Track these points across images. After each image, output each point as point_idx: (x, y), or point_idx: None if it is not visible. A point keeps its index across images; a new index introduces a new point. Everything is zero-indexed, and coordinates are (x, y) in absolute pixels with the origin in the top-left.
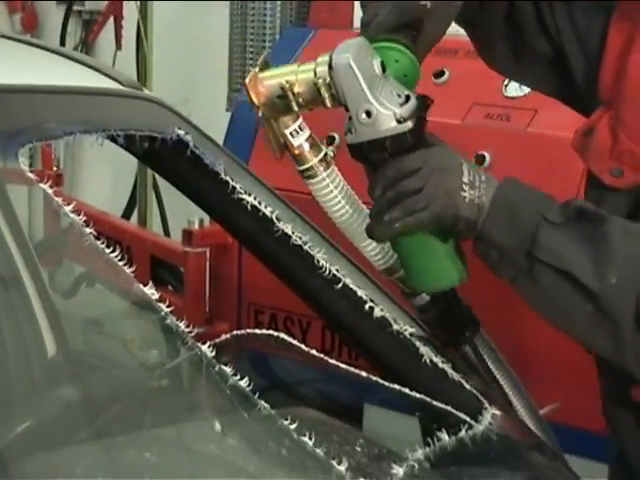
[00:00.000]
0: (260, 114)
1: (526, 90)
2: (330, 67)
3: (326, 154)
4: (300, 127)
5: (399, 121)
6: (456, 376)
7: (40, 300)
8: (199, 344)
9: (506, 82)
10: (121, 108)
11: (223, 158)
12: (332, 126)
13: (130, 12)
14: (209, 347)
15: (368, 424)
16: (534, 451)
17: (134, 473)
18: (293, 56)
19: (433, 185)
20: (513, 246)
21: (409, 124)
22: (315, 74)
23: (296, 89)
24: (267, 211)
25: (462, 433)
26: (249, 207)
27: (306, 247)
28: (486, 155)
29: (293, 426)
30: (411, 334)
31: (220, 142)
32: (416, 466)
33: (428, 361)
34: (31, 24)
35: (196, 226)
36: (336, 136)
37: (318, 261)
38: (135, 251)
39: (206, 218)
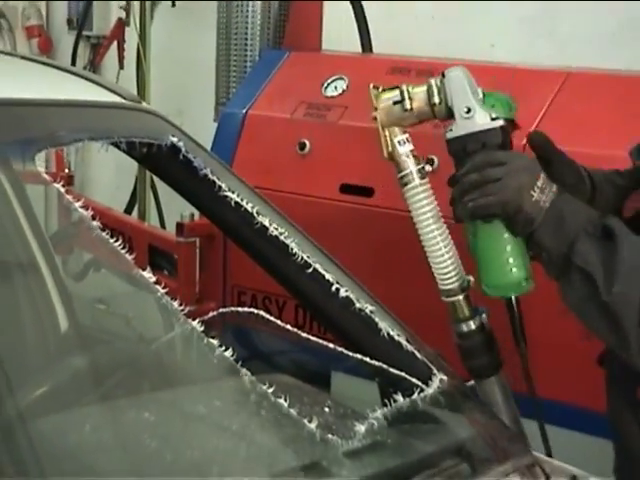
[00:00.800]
0: (377, 118)
1: None
2: (443, 76)
3: (423, 167)
4: (407, 139)
5: (492, 119)
6: (409, 347)
7: (54, 283)
8: (190, 320)
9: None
10: (123, 119)
11: (210, 161)
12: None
13: (131, 37)
14: (198, 323)
15: (335, 389)
16: (475, 411)
17: (135, 430)
18: (270, 74)
19: (511, 179)
20: (557, 249)
21: (500, 122)
22: (429, 83)
23: (411, 93)
24: (248, 207)
25: (415, 395)
26: (233, 203)
27: (281, 237)
28: (435, 160)
29: (271, 390)
30: (371, 311)
31: (208, 148)
32: (375, 424)
33: (386, 334)
34: (46, 47)
35: (187, 220)
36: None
37: (292, 249)
38: (135, 241)
39: (196, 213)
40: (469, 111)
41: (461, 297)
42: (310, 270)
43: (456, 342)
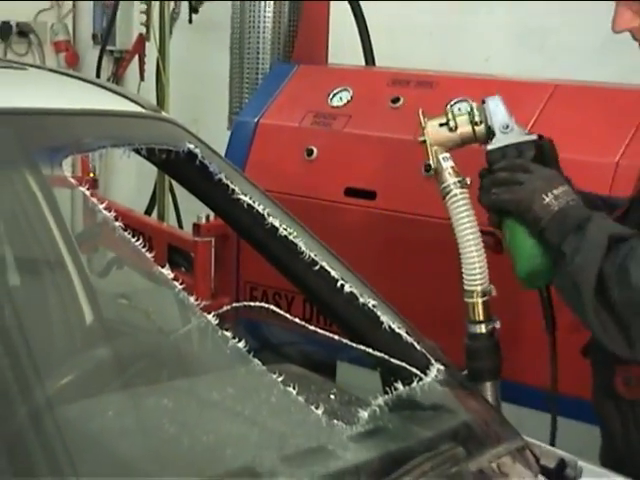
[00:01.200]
0: (426, 140)
1: (465, 112)
2: (483, 102)
3: (464, 179)
4: (449, 156)
5: (527, 134)
6: (409, 339)
7: (80, 279)
8: (205, 314)
9: (448, 107)
10: (144, 127)
11: (224, 166)
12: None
13: (151, 51)
14: (213, 316)
15: (340, 377)
16: (469, 398)
17: (154, 416)
18: (280, 86)
19: (530, 183)
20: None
21: (534, 136)
22: (471, 106)
23: (455, 115)
24: (259, 208)
25: (414, 384)
26: (245, 205)
27: (290, 237)
28: (432, 165)
29: (280, 379)
30: (373, 305)
31: (222, 154)
32: (377, 410)
33: (387, 327)
34: (73, 61)
35: (203, 220)
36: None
37: (300, 248)
38: (155, 240)
39: (211, 214)
40: (507, 127)
41: (480, 301)
42: (317, 267)
43: (465, 342)
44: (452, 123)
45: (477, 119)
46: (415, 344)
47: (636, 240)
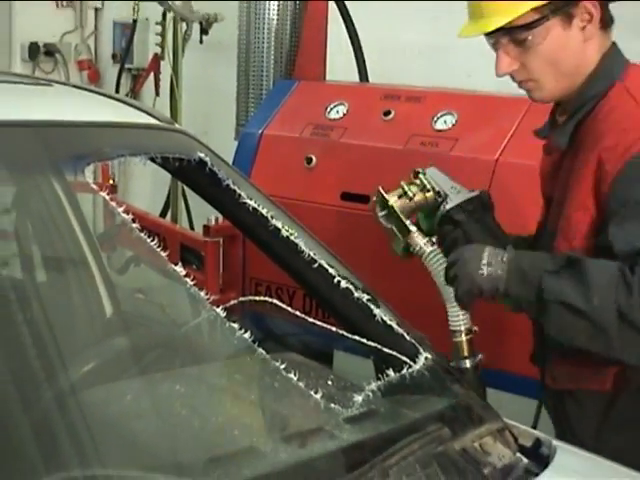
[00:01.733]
0: (390, 212)
1: (449, 124)
2: (424, 173)
3: (430, 239)
4: (413, 222)
5: (471, 191)
6: (399, 330)
7: (101, 275)
8: (214, 307)
9: (435, 119)
10: (158, 137)
11: (232, 173)
12: None
13: (165, 69)
14: (222, 310)
15: (337, 365)
16: (455, 383)
17: (167, 400)
18: (282, 100)
19: (461, 272)
20: (528, 296)
21: (478, 191)
22: (420, 179)
23: (410, 186)
24: (263, 211)
25: (404, 371)
26: (251, 209)
27: (292, 237)
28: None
29: (282, 366)
30: (368, 299)
31: (230, 162)
32: (370, 395)
33: (380, 319)
34: (95, 78)
35: (213, 222)
36: None
37: (300, 247)
38: (168, 240)
39: (220, 217)
40: (455, 189)
41: (465, 339)
42: (316, 265)
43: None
44: (410, 193)
45: (428, 187)
46: (405, 335)
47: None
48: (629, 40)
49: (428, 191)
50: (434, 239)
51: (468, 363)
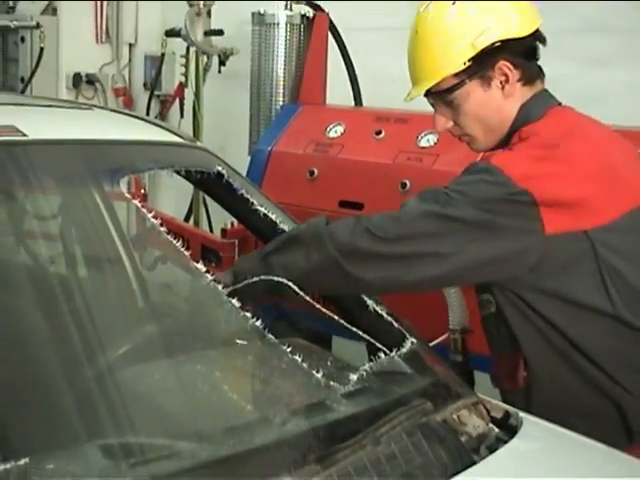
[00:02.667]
0: None
1: (432, 142)
2: None
3: None
4: None
5: None
6: (389, 318)
7: (133, 271)
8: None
9: (419, 138)
10: (183, 154)
11: (245, 184)
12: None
13: (189, 95)
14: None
15: (335, 348)
16: (435, 364)
17: (191, 378)
18: (288, 121)
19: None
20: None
21: None
22: None
23: None
24: (272, 217)
25: (392, 353)
26: (261, 214)
27: None
28: (407, 183)
29: (288, 349)
30: None
31: (244, 174)
32: (364, 374)
33: (372, 309)
34: (128, 103)
35: (229, 226)
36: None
37: None
38: (191, 242)
39: (235, 221)
40: None
41: (460, 337)
42: None
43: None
44: None
45: None
46: (393, 322)
47: None
48: None
49: None
50: None
51: (460, 357)
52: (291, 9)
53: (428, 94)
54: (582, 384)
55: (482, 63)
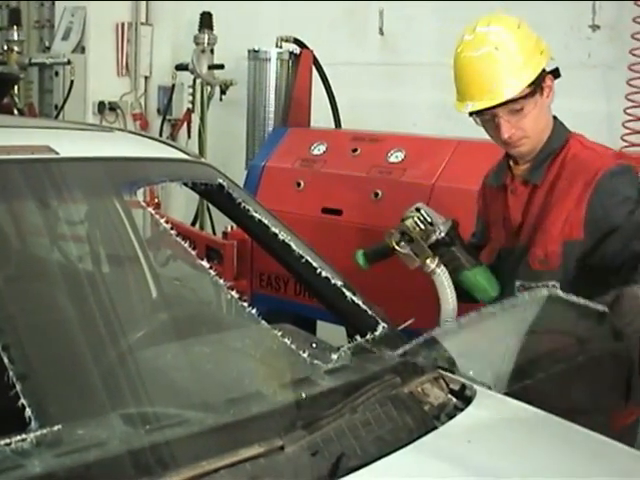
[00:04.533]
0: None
1: (400, 158)
2: (417, 209)
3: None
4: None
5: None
6: (364, 306)
7: (148, 268)
8: (231, 291)
9: (389, 154)
10: (190, 169)
11: (243, 194)
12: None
13: (195, 119)
14: (236, 293)
15: (319, 332)
16: (404, 343)
17: (197, 358)
18: (279, 141)
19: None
20: None
21: (450, 220)
22: (421, 214)
23: (416, 221)
24: (266, 222)
25: (367, 336)
26: (257, 220)
27: (286, 240)
28: (379, 192)
29: (279, 333)
30: (341, 285)
31: (241, 186)
32: (343, 354)
33: (350, 300)
34: (144, 126)
35: (229, 230)
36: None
37: (292, 247)
38: (197, 243)
39: (234, 226)
40: (440, 218)
41: None
42: (303, 260)
43: None
44: (420, 224)
45: (428, 219)
46: (368, 310)
47: None
48: None
49: (428, 222)
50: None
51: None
52: (281, 47)
53: (500, 104)
54: None
55: (541, 74)
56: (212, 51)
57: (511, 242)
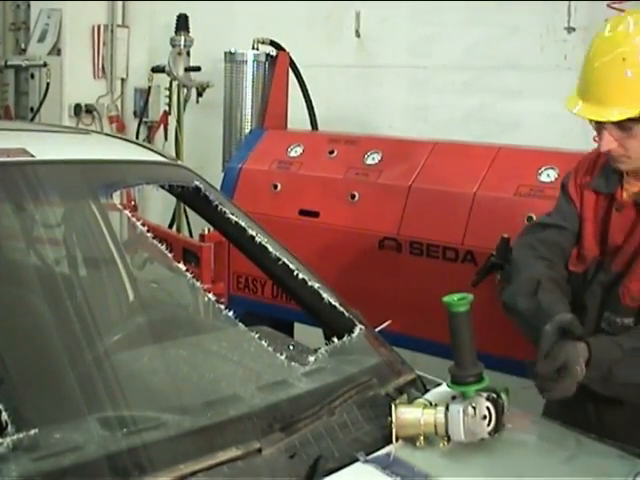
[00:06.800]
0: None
1: (376, 160)
2: (447, 409)
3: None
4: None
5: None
6: (341, 308)
7: (125, 270)
8: (207, 294)
9: (366, 156)
10: (167, 171)
11: (219, 196)
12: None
13: (172, 121)
14: (212, 295)
15: (297, 334)
16: (380, 347)
17: (174, 361)
18: (256, 143)
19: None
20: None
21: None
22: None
23: (423, 421)
24: (242, 224)
25: (344, 338)
26: (233, 222)
27: (263, 242)
28: (356, 194)
29: (256, 336)
30: (317, 287)
31: (218, 188)
32: (320, 356)
33: (327, 301)
34: (121, 129)
35: (206, 232)
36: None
37: (269, 249)
38: (174, 245)
39: (211, 228)
40: None
41: None
42: (280, 262)
43: None
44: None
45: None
46: (345, 312)
47: None
48: None
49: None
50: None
51: None
52: (257, 49)
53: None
54: None
55: None
56: (188, 53)
57: (605, 259)
